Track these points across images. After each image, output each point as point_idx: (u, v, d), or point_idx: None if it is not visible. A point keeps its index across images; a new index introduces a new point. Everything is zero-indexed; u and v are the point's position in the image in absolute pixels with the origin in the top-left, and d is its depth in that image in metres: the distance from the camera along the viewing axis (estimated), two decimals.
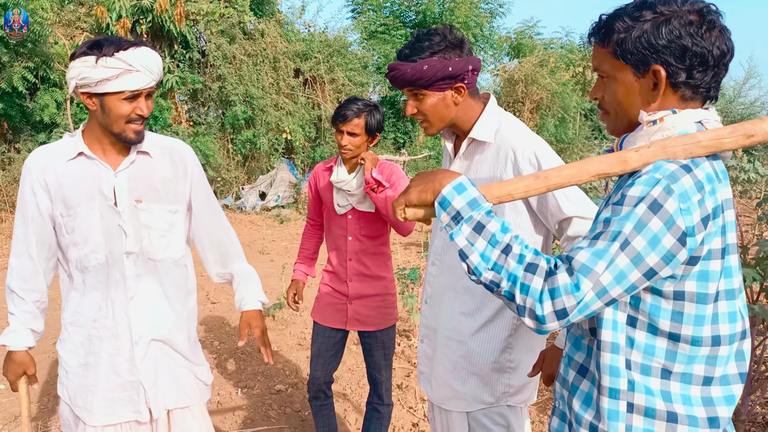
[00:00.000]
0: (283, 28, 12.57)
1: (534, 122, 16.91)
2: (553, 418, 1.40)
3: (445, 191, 1.20)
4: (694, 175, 1.11)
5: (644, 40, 1.16)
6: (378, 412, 2.90)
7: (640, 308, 1.17)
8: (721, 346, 1.17)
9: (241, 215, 10.52)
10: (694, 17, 1.15)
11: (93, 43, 1.74)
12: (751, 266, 2.96)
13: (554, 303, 1.09)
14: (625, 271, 1.08)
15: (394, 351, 2.87)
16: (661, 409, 1.18)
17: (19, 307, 1.91)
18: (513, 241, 1.16)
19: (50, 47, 9.02)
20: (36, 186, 1.84)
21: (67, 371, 1.93)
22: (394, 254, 8.21)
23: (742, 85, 21.02)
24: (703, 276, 1.13)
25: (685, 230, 1.08)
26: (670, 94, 1.19)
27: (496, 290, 1.16)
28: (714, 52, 1.15)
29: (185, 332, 2.03)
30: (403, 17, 16.63)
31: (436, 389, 1.94)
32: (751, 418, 3.25)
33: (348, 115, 2.58)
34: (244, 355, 4.55)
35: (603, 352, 1.20)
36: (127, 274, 1.87)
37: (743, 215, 9.07)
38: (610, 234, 1.10)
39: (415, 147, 14.53)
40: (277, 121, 11.46)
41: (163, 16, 10.00)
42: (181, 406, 2.00)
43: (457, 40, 1.75)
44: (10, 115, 9.10)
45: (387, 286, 2.79)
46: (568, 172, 1.21)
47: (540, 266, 1.12)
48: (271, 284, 6.50)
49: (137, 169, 1.88)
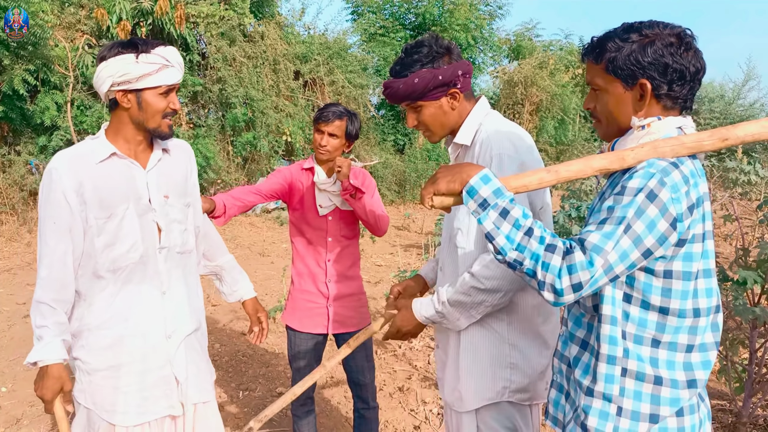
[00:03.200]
0: (283, 31, 12.56)
1: (534, 124, 16.91)
2: (551, 390, 1.61)
3: (473, 181, 1.36)
4: (681, 171, 1.31)
5: (633, 58, 1.38)
6: (364, 418, 2.87)
7: (634, 286, 1.37)
8: (701, 317, 1.38)
9: (242, 217, 10.51)
10: (674, 39, 1.37)
11: (124, 43, 1.81)
12: (753, 268, 2.96)
13: (571, 278, 1.26)
14: (628, 251, 1.27)
15: (373, 351, 2.86)
16: (649, 373, 1.38)
17: (50, 319, 1.80)
18: (534, 225, 1.32)
19: (51, 50, 9.01)
20: (68, 191, 1.78)
21: (91, 376, 1.88)
22: (394, 256, 8.21)
23: (741, 87, 20.98)
24: (688, 257, 1.33)
25: (676, 216, 1.28)
26: (654, 104, 1.40)
27: (519, 268, 1.32)
28: (690, 69, 1.37)
29: (203, 324, 2.12)
30: (402, 19, 16.63)
31: (448, 392, 1.98)
32: (752, 421, 3.25)
33: (330, 116, 2.65)
34: (245, 357, 4.55)
35: (603, 324, 1.40)
36: (160, 269, 1.93)
37: (743, 217, 9.07)
38: (615, 219, 1.28)
39: (415, 149, 14.54)
40: (277, 123, 11.46)
41: (163, 18, 9.99)
42: (204, 400, 2.05)
43: (443, 48, 1.82)
44: (10, 118, 9.09)
45: (360, 286, 2.85)
46: (575, 167, 1.39)
47: (558, 247, 1.29)
48: (271, 286, 6.50)
49: (162, 166, 1.96)
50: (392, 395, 3.92)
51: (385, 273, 7.21)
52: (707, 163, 9.75)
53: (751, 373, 3.13)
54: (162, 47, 1.82)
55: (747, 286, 2.83)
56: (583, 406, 1.44)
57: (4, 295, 6.11)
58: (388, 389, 4.00)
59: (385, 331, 2.05)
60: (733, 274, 2.99)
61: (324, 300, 2.75)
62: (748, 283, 2.81)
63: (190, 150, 2.12)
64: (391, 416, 3.64)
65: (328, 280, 2.74)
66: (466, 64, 1.84)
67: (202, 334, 2.10)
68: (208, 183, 11.18)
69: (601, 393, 1.41)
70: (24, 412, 3.65)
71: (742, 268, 2.93)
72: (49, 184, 1.80)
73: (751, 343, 3.10)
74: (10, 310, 5.58)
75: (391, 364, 4.40)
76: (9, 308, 5.66)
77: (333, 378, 4.15)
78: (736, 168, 7.30)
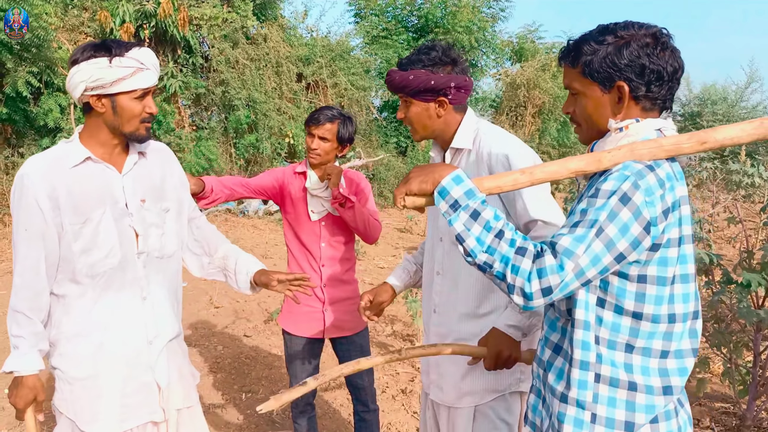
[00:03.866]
0: (286, 33, 12.58)
1: (536, 126, 16.90)
2: (530, 395, 1.58)
3: (445, 182, 1.35)
4: (656, 174, 1.29)
5: (609, 61, 1.35)
6: (365, 421, 2.85)
7: (608, 291, 1.34)
8: (677, 323, 1.35)
9: (244, 219, 10.52)
10: (650, 40, 1.34)
11: (96, 45, 1.74)
12: (757, 271, 2.95)
13: (541, 282, 1.23)
14: (600, 255, 1.25)
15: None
16: (623, 379, 1.35)
17: (26, 329, 1.78)
18: (505, 227, 1.30)
19: (54, 52, 9.04)
20: (41, 197, 1.73)
21: (72, 385, 1.85)
22: (397, 258, 8.21)
23: (744, 90, 20.94)
24: (663, 261, 1.31)
25: (650, 220, 1.25)
26: (633, 106, 1.38)
27: (488, 271, 1.30)
28: (668, 69, 1.34)
29: (181, 329, 2.08)
30: (405, 22, 16.63)
31: (448, 391, 1.98)
32: (756, 424, 3.24)
33: (321, 118, 2.62)
34: (248, 360, 4.55)
35: (576, 329, 1.37)
36: (139, 274, 1.89)
37: (747, 219, 9.05)
38: (587, 222, 1.26)
39: (417, 152, 14.53)
40: (279, 126, 11.47)
41: (166, 20, 10.01)
42: (188, 405, 2.02)
43: (450, 58, 1.89)
44: (14, 120, 9.11)
45: (356, 290, 2.83)
46: (550, 169, 1.38)
47: (529, 250, 1.27)
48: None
49: (138, 170, 1.92)
50: (395, 398, 3.92)
51: (387, 275, 7.20)
52: (710, 165, 9.73)
53: (755, 376, 3.12)
54: (136, 49, 1.76)
55: (751, 289, 2.82)
56: (558, 413, 1.42)
57: (7, 297, 6.11)
58: (391, 392, 3.99)
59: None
60: (737, 277, 2.98)
61: (320, 305, 2.73)
62: (752, 286, 2.80)
63: (168, 152, 2.06)
64: (394, 419, 3.64)
65: (323, 285, 2.72)
66: (463, 79, 1.89)
67: (182, 338, 2.08)
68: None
69: (575, 399, 1.38)
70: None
71: (747, 271, 2.93)
72: (21, 190, 1.74)
73: (755, 346, 3.09)
74: None
75: (393, 366, 4.40)
76: None
77: (335, 381, 4.15)
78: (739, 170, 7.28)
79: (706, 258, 2.96)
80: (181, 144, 10.50)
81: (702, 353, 4.17)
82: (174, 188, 2.03)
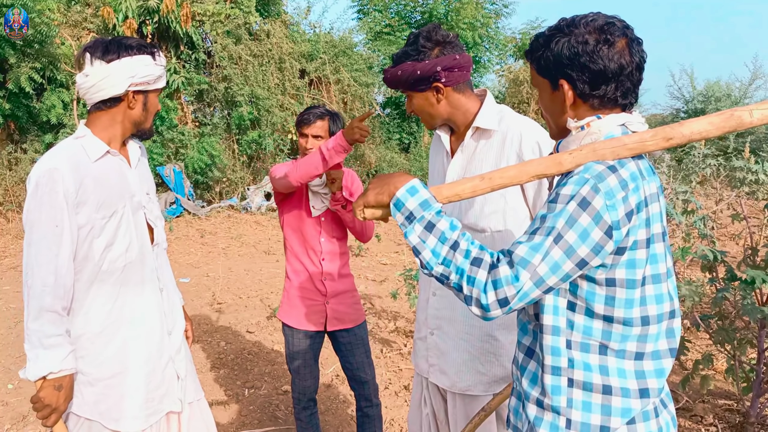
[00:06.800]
0: (289, 29, 12.57)
1: (539, 123, 16.86)
2: (512, 398, 1.53)
3: (399, 194, 1.32)
4: (619, 175, 1.23)
5: (552, 57, 1.31)
6: (368, 416, 2.86)
7: (578, 294, 1.30)
8: (651, 325, 1.30)
9: (247, 215, 10.53)
10: (593, 36, 1.27)
11: (140, 44, 1.81)
12: (761, 268, 2.94)
13: (497, 293, 1.21)
14: (559, 263, 1.21)
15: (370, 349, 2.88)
16: (597, 383, 1.31)
17: (62, 327, 1.71)
18: (460, 238, 1.27)
19: (57, 48, 9.05)
20: (70, 192, 1.69)
21: (94, 387, 1.80)
22: (399, 255, 8.21)
23: (748, 86, 20.85)
24: (631, 264, 1.26)
25: (611, 224, 1.21)
26: (581, 104, 1.33)
27: (446, 282, 1.27)
28: (611, 67, 1.27)
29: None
30: (408, 18, 16.61)
31: (459, 378, 1.94)
32: (760, 421, 3.23)
33: (311, 118, 2.70)
34: (250, 355, 4.55)
35: (545, 335, 1.34)
36: (155, 266, 1.93)
37: (751, 217, 9.02)
38: (545, 229, 1.22)
39: (420, 148, 14.52)
40: (282, 122, 11.47)
41: (169, 17, 10.01)
42: (197, 398, 2.06)
43: (434, 41, 1.83)
44: (17, 116, 9.13)
45: (353, 283, 2.89)
46: (510, 173, 1.33)
47: (484, 260, 1.24)
48: (277, 284, 6.51)
49: (141, 164, 1.98)
50: (398, 394, 3.92)
51: (390, 272, 7.21)
52: (713, 162, 9.69)
53: (759, 373, 3.11)
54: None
55: (755, 286, 2.81)
56: (534, 418, 1.38)
57: (11, 293, 6.13)
58: (394, 388, 3.99)
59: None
60: (741, 274, 2.97)
61: (322, 298, 2.77)
62: (756, 283, 2.79)
63: (143, 146, 2.06)
64: (397, 414, 3.64)
65: (324, 278, 2.76)
66: (452, 58, 1.81)
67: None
68: (213, 181, 11.20)
69: (549, 405, 1.35)
70: (30, 409, 3.66)
71: (751, 268, 2.92)
72: (50, 185, 1.68)
73: (759, 343, 3.08)
74: (17, 308, 5.60)
75: (396, 362, 4.40)
76: (15, 305, 5.68)
77: (338, 376, 4.15)
78: (743, 167, 7.25)
79: (711, 255, 2.95)
80: (184, 140, 10.51)
81: (706, 350, 4.16)
82: (152, 179, 2.09)
